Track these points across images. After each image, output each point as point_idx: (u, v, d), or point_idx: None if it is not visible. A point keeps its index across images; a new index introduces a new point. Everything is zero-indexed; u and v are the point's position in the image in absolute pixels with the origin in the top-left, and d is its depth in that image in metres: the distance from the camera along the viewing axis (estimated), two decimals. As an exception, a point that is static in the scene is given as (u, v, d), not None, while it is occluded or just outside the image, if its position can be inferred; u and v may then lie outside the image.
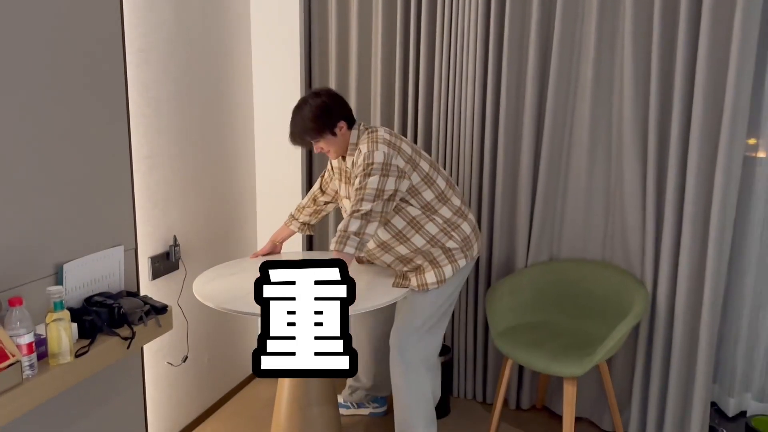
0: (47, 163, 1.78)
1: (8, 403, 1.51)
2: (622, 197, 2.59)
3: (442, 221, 2.31)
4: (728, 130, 2.28)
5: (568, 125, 2.68)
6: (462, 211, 2.37)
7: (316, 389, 2.31)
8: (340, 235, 2.12)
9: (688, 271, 2.43)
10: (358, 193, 2.16)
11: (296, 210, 2.66)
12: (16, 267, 1.70)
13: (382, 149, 2.19)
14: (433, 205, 2.30)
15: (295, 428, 2.30)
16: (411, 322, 2.36)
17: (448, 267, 2.32)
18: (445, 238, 2.31)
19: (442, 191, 2.32)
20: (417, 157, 2.29)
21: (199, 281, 2.34)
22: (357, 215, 2.13)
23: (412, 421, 2.40)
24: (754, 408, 2.61)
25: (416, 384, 2.37)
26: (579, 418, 2.88)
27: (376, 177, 2.15)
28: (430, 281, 2.31)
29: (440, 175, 2.35)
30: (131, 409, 2.21)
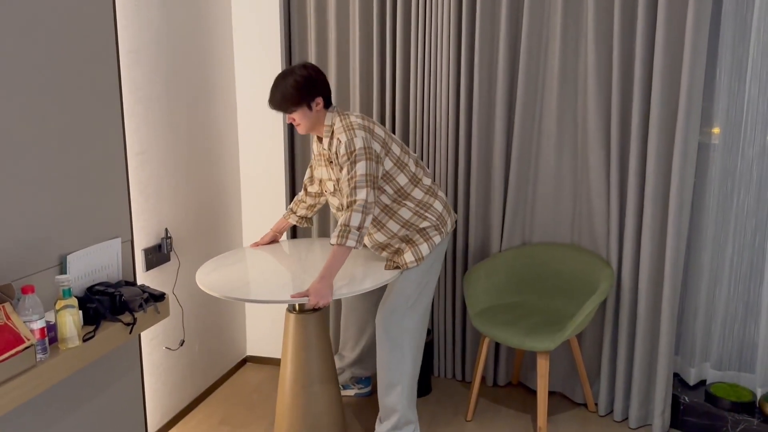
0: (48, 160, 1.88)
1: (23, 384, 1.62)
2: (588, 183, 2.77)
3: (415, 204, 2.39)
4: (684, 118, 2.47)
5: (537, 116, 2.85)
6: (433, 190, 2.45)
7: (318, 368, 2.44)
8: (342, 229, 2.20)
9: (649, 250, 2.62)
10: (350, 182, 2.23)
11: (294, 203, 2.74)
12: (24, 258, 1.80)
13: (359, 134, 2.25)
14: (405, 189, 2.38)
15: (299, 406, 2.44)
16: (394, 301, 2.44)
17: (424, 245, 2.41)
18: (419, 220, 2.41)
19: (413, 174, 2.40)
20: (389, 141, 2.35)
21: (201, 272, 2.42)
22: (357, 208, 2.20)
23: (395, 398, 2.48)
24: (713, 376, 2.80)
25: (400, 361, 2.46)
26: (552, 392, 3.06)
27: (363, 162, 2.22)
28: (409, 260, 2.40)
29: (410, 157, 2.42)
30: (130, 394, 2.32)
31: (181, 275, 2.76)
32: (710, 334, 2.80)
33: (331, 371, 2.50)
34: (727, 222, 2.69)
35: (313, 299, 2.12)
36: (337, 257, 2.20)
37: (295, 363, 2.43)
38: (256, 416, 2.88)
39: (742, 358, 2.76)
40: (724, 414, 2.60)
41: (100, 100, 2.08)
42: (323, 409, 2.46)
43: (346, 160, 2.25)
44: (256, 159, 3.20)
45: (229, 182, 3.15)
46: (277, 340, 3.36)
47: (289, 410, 2.45)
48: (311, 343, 2.43)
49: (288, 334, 2.45)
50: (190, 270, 2.84)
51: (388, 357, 2.47)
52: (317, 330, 2.45)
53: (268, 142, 3.16)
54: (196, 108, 2.83)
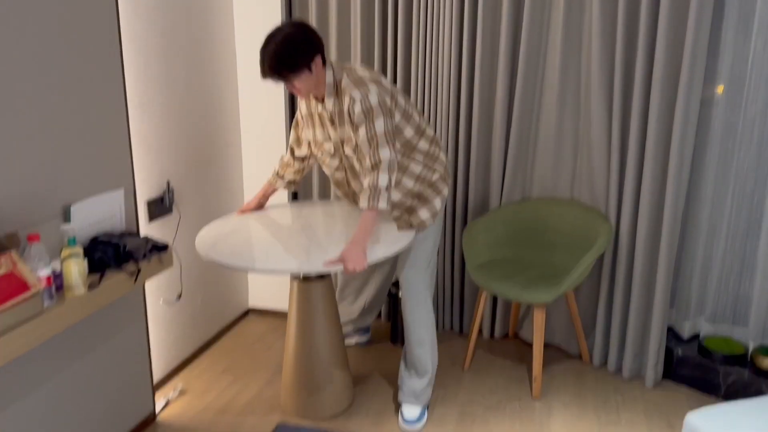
0: (50, 111, 1.88)
1: (31, 330, 1.66)
2: (589, 139, 2.77)
3: (423, 156, 2.33)
4: (687, 75, 2.45)
5: (540, 71, 2.83)
6: (435, 139, 2.39)
7: (324, 335, 2.46)
8: (372, 192, 2.11)
9: (648, 205, 2.64)
10: (370, 142, 2.13)
11: (281, 167, 2.60)
12: (28, 208, 1.83)
13: (373, 89, 2.13)
14: (412, 142, 2.30)
15: (305, 371, 2.48)
16: (415, 261, 2.40)
17: (436, 200, 2.37)
18: (430, 173, 2.35)
19: (418, 124, 2.31)
20: (395, 92, 2.25)
21: (200, 239, 2.31)
22: (383, 168, 2.12)
23: (426, 354, 2.49)
24: (707, 330, 2.85)
25: (426, 317, 2.46)
26: (547, 344, 3.12)
27: (381, 119, 2.12)
28: (425, 218, 2.35)
29: (412, 107, 2.34)
30: (136, 343, 2.38)
31: (182, 228, 2.79)
32: (705, 289, 2.84)
33: (338, 335, 2.52)
34: (726, 178, 2.70)
35: (350, 265, 2.02)
36: (369, 221, 2.13)
37: (301, 330, 2.46)
38: (258, 365, 2.95)
39: (736, 312, 2.81)
40: (717, 366, 2.66)
41: (100, 51, 2.07)
42: (329, 374, 2.50)
43: (363, 118, 2.12)
44: (256, 113, 3.19)
45: (230, 136, 3.15)
46: (279, 292, 3.42)
47: (295, 374, 2.50)
48: (317, 309, 2.44)
49: (293, 302, 2.47)
50: (190, 223, 2.86)
51: (416, 315, 2.46)
52: (323, 296, 2.45)
53: (268, 95, 3.15)
54: (195, 60, 2.81)
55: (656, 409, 2.62)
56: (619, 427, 2.48)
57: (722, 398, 2.66)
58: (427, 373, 2.51)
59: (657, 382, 2.79)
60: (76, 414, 2.10)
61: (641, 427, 2.49)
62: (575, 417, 2.56)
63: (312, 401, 2.49)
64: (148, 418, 2.47)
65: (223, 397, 2.68)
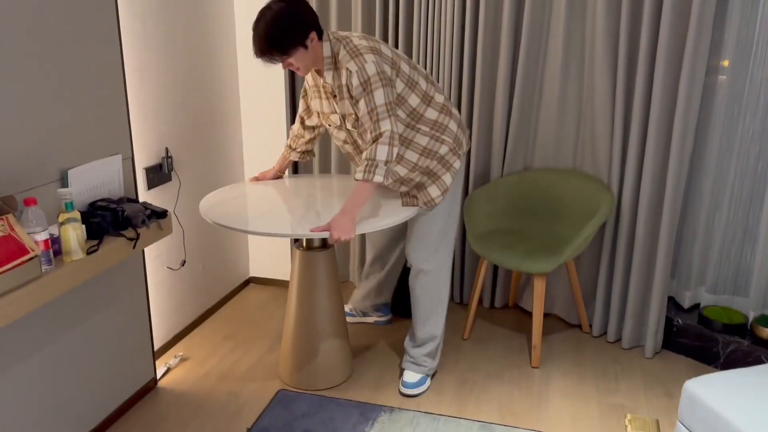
0: (45, 74, 1.86)
1: (30, 293, 1.66)
2: (592, 107, 2.73)
3: (429, 127, 2.23)
4: (693, 39, 2.41)
5: (544, 38, 2.78)
6: (446, 107, 2.28)
7: (324, 303, 2.45)
8: (369, 163, 2.06)
9: (651, 174, 2.61)
10: (371, 115, 2.07)
11: (292, 140, 2.58)
12: (24, 172, 1.81)
13: (369, 59, 2.06)
14: (418, 111, 2.21)
15: (304, 340, 2.48)
16: (426, 238, 2.35)
17: (446, 175, 2.29)
18: (437, 144, 2.25)
19: (424, 92, 2.22)
20: (397, 59, 2.16)
21: (205, 205, 2.35)
22: (383, 141, 2.06)
23: (433, 326, 2.47)
24: (707, 299, 2.85)
25: (439, 293, 2.44)
26: (547, 314, 3.13)
27: (380, 90, 2.06)
28: (435, 195, 2.29)
29: (419, 73, 2.23)
30: (136, 309, 2.38)
31: (182, 195, 2.78)
32: (707, 259, 2.83)
33: (338, 306, 2.51)
34: (731, 147, 2.67)
35: (335, 234, 2.01)
36: (361, 193, 2.09)
37: (301, 299, 2.45)
38: (259, 333, 2.96)
39: (737, 282, 2.80)
40: (716, 336, 2.66)
41: (96, 14, 2.03)
42: (328, 345, 2.50)
43: (361, 91, 2.07)
44: (255, 78, 3.16)
45: (229, 103, 3.12)
46: (280, 262, 3.42)
47: (294, 344, 2.50)
48: (318, 279, 2.43)
49: (294, 271, 2.46)
50: (191, 190, 2.85)
51: (425, 293, 2.43)
52: (325, 266, 2.44)
53: (269, 62, 3.11)
54: (193, 23, 2.76)
55: (655, 378, 2.63)
56: (618, 396, 2.50)
57: (721, 368, 2.67)
58: (428, 344, 2.51)
59: (656, 352, 2.80)
60: (77, 379, 2.11)
61: (639, 395, 2.51)
62: (574, 385, 2.57)
63: (310, 372, 2.50)
64: (149, 384, 2.49)
65: (223, 364, 2.70)
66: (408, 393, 2.48)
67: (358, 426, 2.30)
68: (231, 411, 2.39)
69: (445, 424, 2.32)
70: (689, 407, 1.76)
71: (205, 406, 2.42)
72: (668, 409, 2.42)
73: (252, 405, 2.42)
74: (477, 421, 2.34)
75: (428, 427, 2.30)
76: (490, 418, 2.36)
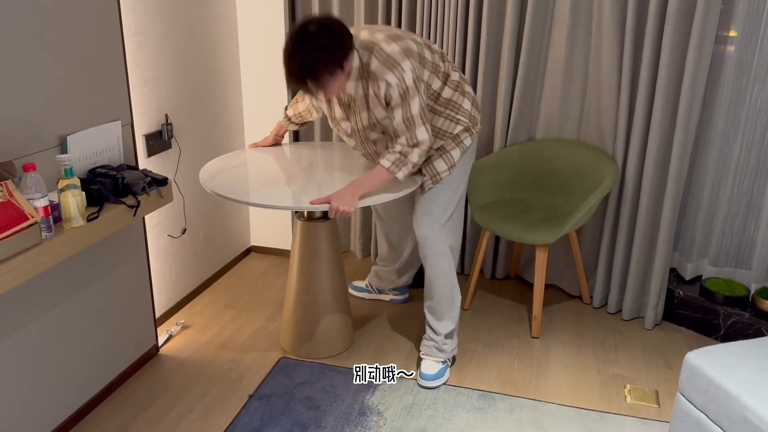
0: (43, 38, 1.82)
1: (29, 260, 1.65)
2: (599, 77, 2.69)
3: (444, 107, 2.20)
4: (702, 8, 2.36)
5: (550, 7, 2.73)
6: (460, 85, 2.23)
7: (326, 274, 2.45)
8: (400, 158, 2.08)
9: (656, 145, 2.58)
10: (407, 123, 2.04)
11: (294, 114, 2.53)
12: (23, 138, 1.79)
13: (407, 68, 1.99)
14: (438, 91, 2.17)
15: (306, 310, 2.48)
16: (432, 213, 2.28)
17: (455, 150, 2.24)
18: (452, 125, 2.22)
19: (444, 72, 2.18)
20: (422, 49, 2.10)
21: (205, 173, 2.33)
22: (421, 148, 2.08)
23: (443, 308, 2.41)
24: (709, 272, 2.85)
25: (445, 273, 2.37)
26: (548, 285, 3.13)
27: (417, 98, 2.03)
28: (441, 169, 2.24)
29: (436, 53, 2.18)
30: (137, 276, 2.38)
31: (183, 163, 2.75)
32: (710, 231, 2.82)
33: (339, 276, 2.49)
34: (737, 118, 2.63)
35: (334, 204, 2.01)
36: (377, 176, 2.09)
37: (302, 269, 2.44)
38: (260, 302, 2.96)
39: (739, 254, 2.80)
40: (717, 308, 2.67)
41: (93, -25, 1.98)
42: (329, 315, 2.50)
43: (400, 101, 2.02)
44: (255, 46, 3.11)
45: (229, 69, 3.07)
46: (281, 231, 3.41)
47: (294, 314, 2.51)
48: (319, 250, 2.42)
49: (295, 242, 2.45)
50: (191, 158, 2.83)
51: (437, 271, 2.37)
52: (326, 237, 2.42)
53: (268, 27, 3.05)
54: (194, -11, 2.71)
55: (655, 348, 2.64)
56: (617, 366, 2.51)
57: (721, 340, 2.68)
58: (446, 327, 2.42)
59: (657, 323, 2.80)
60: (79, 346, 2.12)
61: (639, 365, 2.52)
62: (573, 355, 2.58)
63: (311, 341, 2.51)
64: (150, 352, 2.50)
65: (224, 332, 2.71)
66: (426, 385, 2.37)
67: (359, 393, 2.31)
68: (232, 378, 2.40)
69: (445, 392, 2.33)
70: (690, 379, 1.76)
71: (206, 373, 2.43)
72: (668, 380, 2.43)
73: (253, 372, 2.44)
74: (477, 390, 2.35)
75: (428, 396, 2.31)
76: (490, 387, 2.37)
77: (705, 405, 1.71)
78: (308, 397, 2.29)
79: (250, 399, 2.28)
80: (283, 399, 2.28)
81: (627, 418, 2.21)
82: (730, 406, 1.62)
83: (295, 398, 2.28)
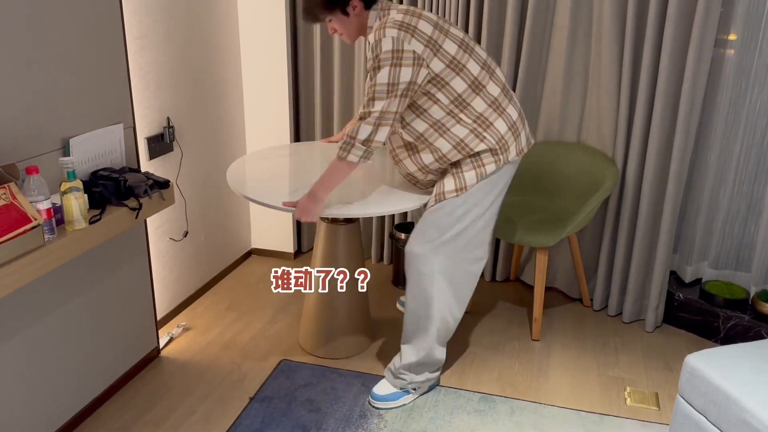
0: (46, 41, 1.83)
1: (32, 262, 1.66)
2: (599, 80, 2.70)
3: (473, 119, 1.99)
4: (702, 11, 2.36)
5: (551, 7, 2.74)
6: (498, 102, 2.01)
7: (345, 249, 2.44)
8: (347, 141, 1.94)
9: (656, 148, 2.59)
10: (368, 91, 1.92)
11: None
12: (26, 140, 1.80)
13: (390, 34, 1.88)
14: (464, 98, 1.97)
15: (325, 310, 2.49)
16: (424, 233, 2.09)
17: (471, 173, 2.02)
18: (476, 141, 2.00)
19: (474, 78, 1.98)
20: (440, 37, 1.94)
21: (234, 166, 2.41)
22: (369, 120, 1.91)
23: (409, 329, 2.23)
24: (709, 275, 2.85)
25: (424, 298, 2.14)
26: (549, 288, 3.13)
27: (386, 69, 1.88)
28: (448, 189, 2.04)
29: (473, 57, 1.99)
30: (139, 279, 2.39)
31: (185, 166, 2.76)
32: (710, 233, 2.82)
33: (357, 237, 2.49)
34: (737, 121, 2.64)
35: (297, 213, 2.00)
36: (333, 172, 1.98)
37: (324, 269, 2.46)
38: (261, 304, 2.97)
39: (739, 257, 2.80)
40: (717, 310, 2.67)
41: (96, -22, 2.00)
42: (349, 317, 2.51)
43: (371, 65, 1.92)
44: (257, 48, 3.12)
45: (231, 72, 3.08)
46: (282, 234, 3.41)
47: (315, 315, 2.51)
48: (340, 252, 2.43)
49: (318, 244, 2.47)
50: (193, 161, 2.83)
51: (413, 291, 2.15)
52: (348, 239, 2.43)
53: (270, 31, 3.07)
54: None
55: (655, 351, 2.64)
56: (617, 369, 2.51)
57: (721, 342, 2.68)
58: (407, 356, 2.24)
59: (657, 326, 2.81)
60: (81, 347, 2.12)
61: (639, 368, 2.52)
62: (574, 358, 2.58)
63: (329, 342, 2.51)
64: (152, 354, 2.51)
65: (226, 334, 2.71)
66: (372, 404, 2.25)
67: (360, 396, 2.32)
68: (234, 380, 2.41)
69: (446, 395, 2.34)
70: (690, 381, 1.77)
71: (207, 375, 2.44)
72: (668, 383, 2.43)
73: (254, 374, 2.44)
74: (477, 392, 2.36)
75: (429, 398, 2.32)
76: (491, 389, 2.38)
77: (704, 407, 1.71)
78: (309, 400, 2.29)
79: (251, 401, 2.28)
80: (284, 401, 2.28)
81: (627, 421, 2.21)
82: (729, 408, 1.62)
83: (296, 400, 2.29)
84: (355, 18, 2.02)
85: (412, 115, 2.01)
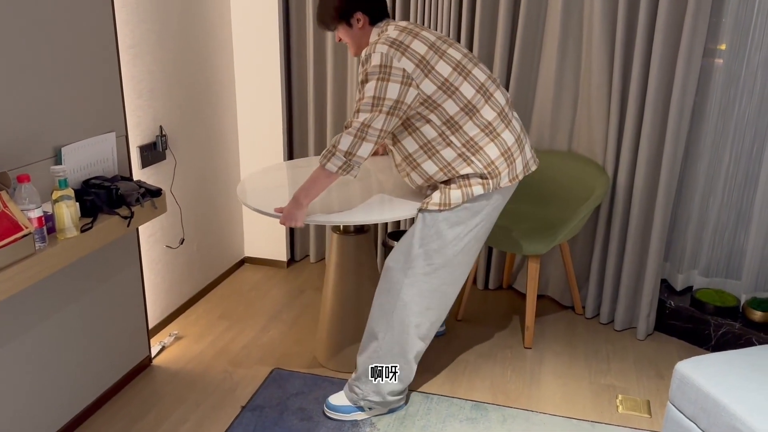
0: (38, 49, 1.83)
1: (23, 271, 1.66)
2: (589, 90, 2.72)
3: (462, 143, 1.97)
4: (691, 21, 2.39)
5: (542, 17, 2.76)
6: (492, 127, 1.99)
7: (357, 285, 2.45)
8: (328, 149, 1.93)
9: (646, 156, 2.61)
10: (357, 103, 1.93)
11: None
12: (18, 149, 1.80)
13: (380, 49, 1.90)
14: (456, 121, 1.95)
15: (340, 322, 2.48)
16: (402, 243, 2.09)
17: (457, 192, 1.99)
18: (462, 164, 1.98)
19: (468, 101, 1.96)
20: (434, 58, 1.93)
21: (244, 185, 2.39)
22: (350, 130, 1.89)
23: (366, 336, 2.20)
24: (700, 282, 2.87)
25: (387, 310, 2.12)
26: (541, 295, 3.14)
27: (373, 82, 1.89)
28: (434, 201, 2.01)
29: (469, 79, 1.97)
30: (131, 287, 2.38)
31: (179, 174, 2.77)
32: (700, 241, 2.84)
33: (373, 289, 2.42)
34: (726, 130, 2.67)
35: (281, 219, 2.02)
36: (314, 179, 1.96)
37: (338, 282, 2.45)
38: (254, 313, 2.97)
39: (729, 265, 2.82)
40: (708, 318, 2.68)
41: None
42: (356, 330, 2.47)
43: (360, 78, 1.96)
44: (250, 57, 3.13)
45: (224, 81, 3.09)
46: (275, 242, 3.41)
47: (329, 327, 2.51)
48: (352, 263, 2.43)
49: (331, 255, 2.47)
50: (187, 169, 2.84)
51: (375, 310, 2.15)
52: (360, 250, 2.43)
53: (263, 38, 3.08)
54: (188, 1, 2.73)
55: (646, 358, 2.65)
56: (609, 377, 2.52)
57: (712, 350, 2.69)
58: (361, 362, 2.20)
59: (648, 334, 2.82)
60: (72, 357, 2.12)
61: (631, 375, 2.53)
62: (566, 365, 2.59)
63: (345, 354, 2.50)
64: (143, 362, 2.50)
65: (218, 343, 2.71)
66: (325, 412, 2.25)
67: (352, 404, 2.31)
68: (226, 389, 2.40)
69: (438, 402, 2.34)
70: (680, 388, 1.78)
71: (199, 384, 2.43)
72: (659, 390, 2.44)
73: (246, 383, 2.44)
74: (469, 400, 2.36)
75: (421, 406, 2.32)
76: (483, 397, 2.38)
77: (695, 414, 1.72)
78: (301, 408, 2.29)
79: (243, 410, 2.28)
80: (276, 410, 2.28)
81: (619, 428, 2.22)
82: (719, 415, 1.63)
83: (288, 409, 2.28)
84: (359, 31, 2.07)
85: (404, 133, 2.02)
